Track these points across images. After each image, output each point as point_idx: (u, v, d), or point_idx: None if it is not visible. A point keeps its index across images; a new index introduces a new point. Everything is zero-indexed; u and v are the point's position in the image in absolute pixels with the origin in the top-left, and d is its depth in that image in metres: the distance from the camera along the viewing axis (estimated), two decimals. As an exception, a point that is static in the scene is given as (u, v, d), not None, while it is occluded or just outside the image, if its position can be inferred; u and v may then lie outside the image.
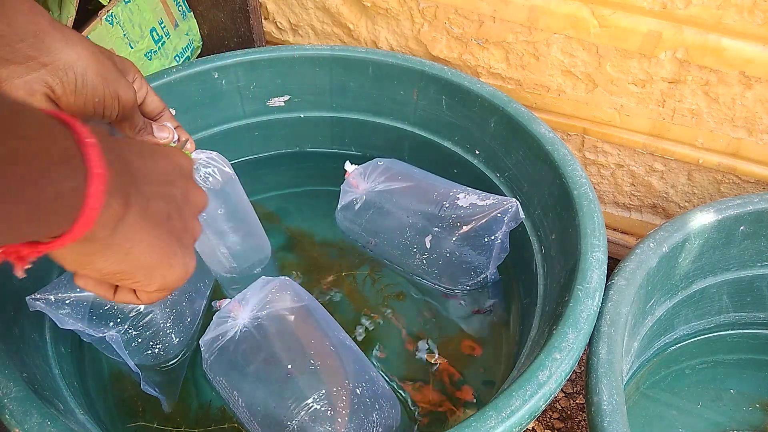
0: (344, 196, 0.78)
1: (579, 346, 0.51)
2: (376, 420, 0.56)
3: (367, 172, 0.77)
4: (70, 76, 0.42)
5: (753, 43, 0.66)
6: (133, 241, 0.32)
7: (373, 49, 0.81)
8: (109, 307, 0.62)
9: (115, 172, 0.29)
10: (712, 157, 0.79)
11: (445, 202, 0.72)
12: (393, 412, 0.59)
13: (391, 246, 0.75)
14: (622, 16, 0.70)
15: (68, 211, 0.26)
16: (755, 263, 0.73)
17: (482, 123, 0.76)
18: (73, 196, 0.26)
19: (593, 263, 0.56)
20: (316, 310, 0.63)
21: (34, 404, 0.47)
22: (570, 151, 0.67)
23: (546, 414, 0.88)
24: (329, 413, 0.55)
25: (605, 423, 0.49)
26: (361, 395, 0.56)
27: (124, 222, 0.31)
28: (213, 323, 0.62)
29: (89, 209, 0.27)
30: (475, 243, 0.70)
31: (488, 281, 0.73)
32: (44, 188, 0.24)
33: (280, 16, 0.95)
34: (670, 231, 0.64)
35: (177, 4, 0.95)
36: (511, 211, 0.69)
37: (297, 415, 0.55)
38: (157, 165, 0.35)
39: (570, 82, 0.80)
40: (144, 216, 0.32)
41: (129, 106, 0.47)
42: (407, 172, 0.77)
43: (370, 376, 0.59)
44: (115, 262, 0.32)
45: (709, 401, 0.78)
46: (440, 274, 0.73)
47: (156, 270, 0.35)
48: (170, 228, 0.35)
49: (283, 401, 0.56)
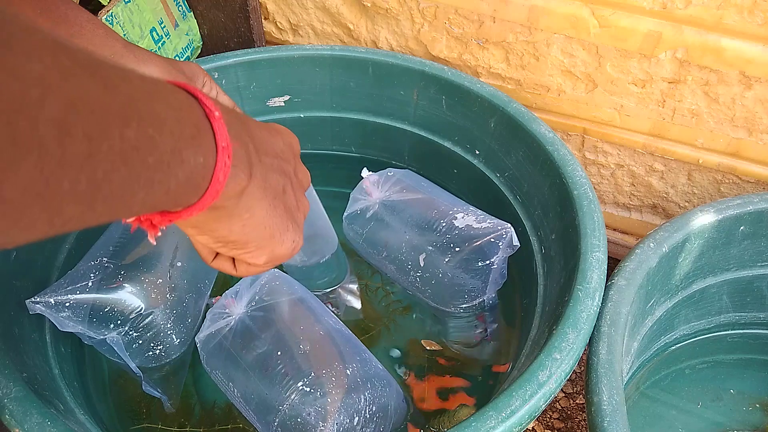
0: (354, 204, 0.77)
1: (579, 346, 0.51)
2: (368, 398, 0.57)
3: (381, 181, 0.76)
4: None
5: (753, 43, 0.66)
6: (252, 211, 0.32)
7: (373, 49, 0.81)
8: (109, 309, 0.62)
9: (240, 143, 0.29)
10: (712, 157, 0.79)
11: (442, 221, 0.71)
12: (388, 390, 0.60)
13: (389, 260, 0.75)
14: (622, 16, 0.70)
15: (198, 183, 0.27)
16: (755, 263, 0.73)
17: (482, 123, 0.76)
18: (203, 169, 0.26)
19: (593, 263, 0.56)
20: (307, 300, 0.65)
21: (34, 404, 0.47)
22: (570, 151, 0.67)
23: (546, 414, 0.88)
24: (318, 394, 0.56)
25: (605, 423, 0.49)
26: (352, 375, 0.57)
27: (246, 192, 0.31)
28: (207, 320, 0.63)
29: (217, 181, 0.27)
30: (468, 266, 0.68)
31: (485, 305, 0.71)
32: (177, 169, 0.24)
33: (280, 16, 0.95)
34: (670, 231, 0.64)
35: (177, 4, 0.95)
36: (505, 237, 0.67)
37: (288, 398, 0.56)
38: (274, 141, 0.35)
39: (570, 82, 0.80)
40: (264, 188, 0.32)
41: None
42: (416, 186, 0.76)
43: (361, 357, 0.60)
44: (233, 231, 0.32)
45: (709, 401, 0.78)
46: (433, 294, 0.72)
47: (268, 243, 0.35)
48: (285, 202, 0.35)
49: (274, 386, 0.57)
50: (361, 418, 0.57)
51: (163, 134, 0.23)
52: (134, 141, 0.21)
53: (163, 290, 0.64)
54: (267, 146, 0.34)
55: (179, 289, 0.66)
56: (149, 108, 0.22)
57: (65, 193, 0.18)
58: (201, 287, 0.70)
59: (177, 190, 0.25)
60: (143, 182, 0.22)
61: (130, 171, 0.21)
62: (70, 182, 0.18)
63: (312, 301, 0.65)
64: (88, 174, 0.19)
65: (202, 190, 0.27)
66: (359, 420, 0.57)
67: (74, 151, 0.18)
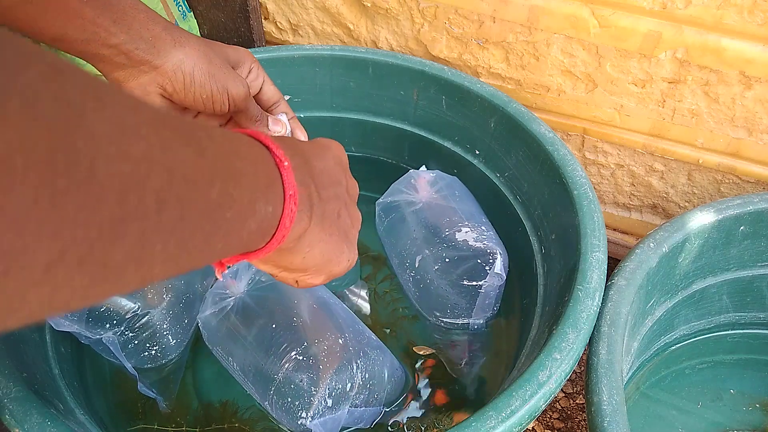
0: (396, 194, 0.76)
1: (579, 346, 0.51)
2: (360, 365, 0.59)
3: (432, 181, 0.76)
4: (178, 76, 0.46)
5: (753, 43, 0.66)
6: (312, 246, 0.34)
7: (373, 49, 0.81)
8: (105, 309, 0.62)
9: (304, 188, 0.31)
10: (712, 157, 0.79)
11: (447, 230, 0.71)
12: (382, 359, 0.61)
13: (395, 252, 0.75)
14: (622, 16, 0.70)
15: (267, 231, 0.28)
16: (755, 263, 0.73)
17: (482, 123, 0.76)
18: (272, 218, 0.28)
19: (593, 263, 0.56)
20: None
21: (34, 404, 0.47)
22: (570, 151, 0.67)
23: (546, 414, 0.88)
24: (311, 362, 0.58)
25: (605, 423, 0.49)
26: (344, 344, 0.59)
27: (308, 232, 0.33)
28: (208, 300, 0.65)
29: (284, 227, 0.29)
30: (454, 281, 0.68)
31: (469, 329, 0.71)
32: (250, 220, 0.26)
33: (280, 16, 0.95)
34: (670, 231, 0.64)
35: (177, 4, 0.95)
36: (493, 262, 0.66)
37: (282, 367, 0.58)
38: (328, 165, 0.36)
39: (570, 82, 0.80)
40: (322, 222, 0.34)
41: (240, 99, 0.49)
42: (452, 194, 0.75)
43: (354, 328, 0.62)
44: (293, 263, 0.35)
45: (709, 401, 0.78)
46: (419, 297, 0.72)
47: (326, 266, 0.37)
48: (339, 226, 0.37)
49: (269, 357, 0.59)
50: (354, 385, 0.58)
51: (241, 189, 0.24)
52: (217, 199, 0.22)
53: (160, 291, 0.64)
54: (325, 178, 0.35)
55: (176, 290, 0.66)
56: (231, 166, 0.24)
57: (157, 254, 0.19)
58: (198, 288, 0.70)
59: (248, 238, 0.26)
60: (222, 235, 0.23)
61: (211, 227, 0.22)
62: (163, 245, 0.20)
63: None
64: (177, 236, 0.20)
65: (269, 236, 0.28)
66: (351, 386, 0.58)
67: (169, 216, 0.19)
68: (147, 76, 0.46)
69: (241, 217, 0.25)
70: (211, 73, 0.47)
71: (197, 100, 0.48)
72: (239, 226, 0.25)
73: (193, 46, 0.47)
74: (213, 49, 0.48)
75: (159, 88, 0.46)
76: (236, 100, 0.49)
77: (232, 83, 0.48)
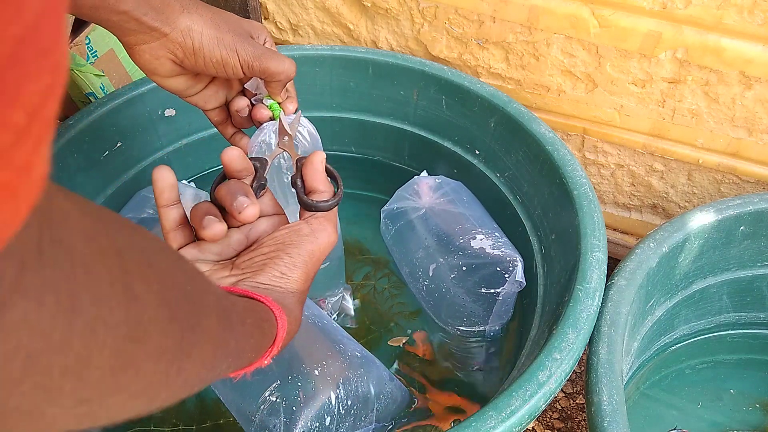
0: (400, 201, 0.77)
1: (579, 346, 0.51)
2: (341, 395, 0.58)
3: (434, 187, 0.76)
4: (187, 42, 0.48)
5: (753, 43, 0.66)
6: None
7: (373, 49, 0.81)
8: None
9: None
10: (712, 157, 0.79)
11: (461, 238, 0.70)
12: (366, 377, 0.60)
13: (405, 261, 0.75)
14: (622, 16, 0.70)
15: (261, 355, 0.36)
16: (755, 263, 0.73)
17: (482, 123, 0.76)
18: (267, 348, 0.36)
19: (593, 263, 0.56)
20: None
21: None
22: (570, 151, 0.67)
23: (546, 414, 0.88)
24: (284, 403, 0.58)
25: (605, 423, 0.49)
26: (321, 375, 0.59)
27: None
28: None
29: (275, 348, 0.37)
30: (471, 289, 0.68)
31: (486, 336, 0.71)
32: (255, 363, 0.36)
33: (280, 16, 0.95)
34: (670, 231, 0.64)
35: (177, 4, 0.95)
36: (513, 270, 0.67)
37: (258, 409, 0.58)
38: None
39: (570, 82, 0.80)
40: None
41: (252, 61, 0.50)
42: (458, 199, 0.76)
43: (333, 350, 0.61)
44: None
45: (709, 401, 0.78)
46: (434, 306, 0.72)
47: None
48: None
49: (245, 399, 0.59)
50: (333, 418, 0.57)
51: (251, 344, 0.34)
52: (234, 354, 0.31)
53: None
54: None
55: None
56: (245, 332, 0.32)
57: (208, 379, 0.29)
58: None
59: (247, 365, 0.35)
60: (230, 370, 0.33)
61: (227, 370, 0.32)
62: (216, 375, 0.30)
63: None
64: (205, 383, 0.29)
65: (263, 355, 0.37)
66: (331, 420, 0.57)
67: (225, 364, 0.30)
68: (157, 42, 0.47)
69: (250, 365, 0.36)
70: (219, 38, 0.48)
71: (208, 66, 0.49)
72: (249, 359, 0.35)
73: (201, 13, 0.48)
74: (222, 16, 0.50)
75: (169, 53, 0.48)
76: (249, 63, 0.50)
77: (241, 46, 0.49)
